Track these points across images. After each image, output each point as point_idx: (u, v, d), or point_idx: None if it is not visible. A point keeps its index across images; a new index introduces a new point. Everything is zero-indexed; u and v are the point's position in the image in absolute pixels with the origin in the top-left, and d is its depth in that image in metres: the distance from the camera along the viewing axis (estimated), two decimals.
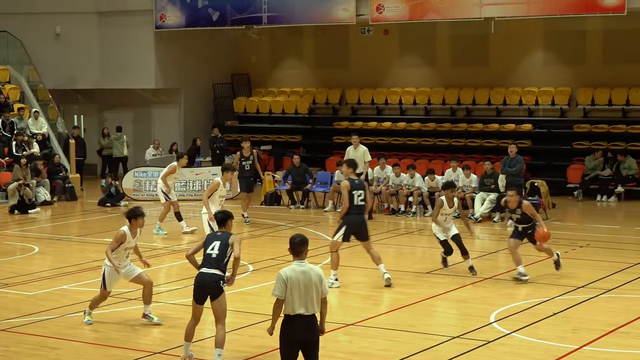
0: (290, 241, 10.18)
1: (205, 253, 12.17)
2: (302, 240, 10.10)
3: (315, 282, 9.96)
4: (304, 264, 10.03)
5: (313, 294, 9.93)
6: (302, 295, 9.87)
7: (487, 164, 25.35)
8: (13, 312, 15.29)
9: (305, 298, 9.87)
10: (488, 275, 17.95)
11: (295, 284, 9.89)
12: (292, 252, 10.11)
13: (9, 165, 29.24)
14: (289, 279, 9.90)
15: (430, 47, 33.44)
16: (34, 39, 34.73)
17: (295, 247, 10.08)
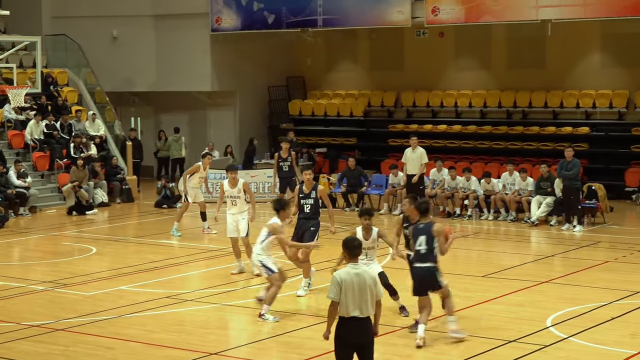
0: (344, 244, 10.20)
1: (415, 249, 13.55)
2: (359, 243, 10.14)
3: (370, 284, 9.97)
4: (359, 267, 10.05)
5: (367, 297, 9.94)
6: (356, 298, 9.89)
7: (544, 167, 25.16)
8: (71, 312, 15.46)
9: (359, 300, 9.89)
10: (544, 279, 17.81)
11: (350, 287, 9.91)
12: (348, 255, 10.13)
13: (67, 167, 29.56)
14: (343, 282, 9.93)
15: (486, 49, 33.25)
16: (92, 42, 35.08)
17: (350, 250, 10.12)
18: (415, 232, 13.76)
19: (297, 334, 13.93)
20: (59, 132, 30.84)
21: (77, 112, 32.48)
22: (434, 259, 13.47)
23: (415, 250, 13.71)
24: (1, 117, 30.70)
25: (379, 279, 10.15)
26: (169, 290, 17.07)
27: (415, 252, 13.69)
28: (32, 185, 28.00)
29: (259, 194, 29.04)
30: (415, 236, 13.69)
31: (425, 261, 13.50)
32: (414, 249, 13.75)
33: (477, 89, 33.43)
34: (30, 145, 30.07)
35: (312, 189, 16.78)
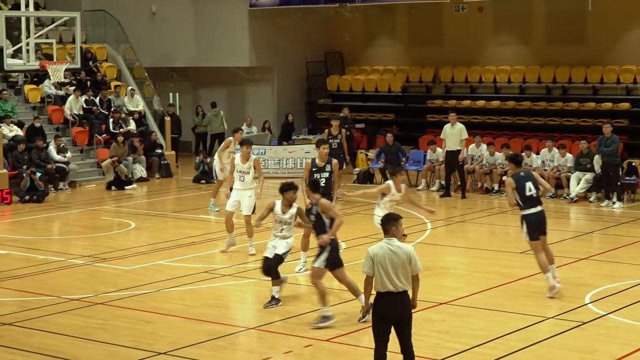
0: (382, 219, 10.20)
1: (525, 195, 14.36)
2: (390, 217, 10.14)
3: (404, 260, 9.98)
4: (393, 242, 10.05)
5: (401, 271, 9.95)
6: (389, 273, 9.91)
7: (583, 143, 24.98)
8: (110, 286, 15.59)
9: (393, 275, 9.92)
10: (583, 255, 17.72)
11: (382, 261, 9.94)
12: (383, 230, 10.15)
13: (106, 142, 29.73)
14: (376, 256, 9.97)
15: (526, 24, 32.97)
16: (131, 18, 35.18)
17: (385, 224, 10.13)
18: (519, 180, 14.57)
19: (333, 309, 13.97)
20: (98, 107, 31.00)
21: (116, 87, 32.63)
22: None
23: (526, 197, 14.51)
24: (41, 93, 30.91)
25: (413, 252, 10.09)
26: (207, 265, 17.17)
27: (527, 197, 14.51)
28: (72, 160, 28.19)
29: (297, 169, 29.06)
30: (521, 183, 14.52)
31: (538, 205, 14.63)
32: (520, 198, 14.53)
33: (516, 64, 33.19)
34: (70, 120, 30.26)
35: (327, 162, 16.55)
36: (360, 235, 19.37)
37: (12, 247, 19.15)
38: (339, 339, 12.39)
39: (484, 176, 26.22)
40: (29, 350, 12.16)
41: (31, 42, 22.79)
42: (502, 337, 12.42)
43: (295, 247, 15.38)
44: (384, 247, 10.02)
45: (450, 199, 25.10)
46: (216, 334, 12.81)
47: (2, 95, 29.20)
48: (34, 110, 30.47)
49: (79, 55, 24.82)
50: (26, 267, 17.16)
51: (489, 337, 12.39)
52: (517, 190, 14.57)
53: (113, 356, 11.93)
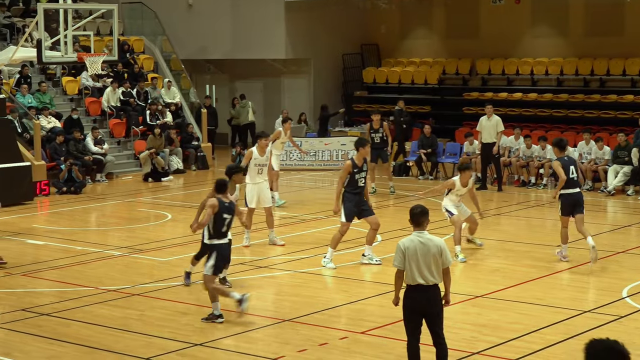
0: (410, 211, 10.20)
1: (569, 177, 16.07)
2: (422, 210, 10.10)
3: (435, 253, 9.95)
4: (424, 234, 10.04)
5: (432, 265, 9.93)
6: (420, 266, 9.89)
7: (621, 135, 24.80)
8: (147, 278, 15.68)
9: (423, 268, 9.90)
10: (621, 249, 17.61)
11: (413, 254, 9.92)
12: (413, 223, 10.13)
13: (143, 134, 29.89)
14: (407, 249, 9.94)
15: (563, 16, 32.77)
16: (168, 10, 35.33)
17: (416, 217, 10.10)
18: (565, 164, 16.19)
19: (369, 301, 13.97)
20: (135, 99, 31.17)
21: (153, 79, 32.79)
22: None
23: (569, 178, 16.15)
24: (79, 85, 31.13)
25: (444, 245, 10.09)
26: (243, 256, 17.21)
27: (569, 179, 16.15)
28: (109, 152, 28.37)
29: (333, 161, 29.09)
30: (566, 167, 16.17)
31: (577, 187, 16.39)
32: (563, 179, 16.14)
33: (553, 56, 33.00)
34: (107, 112, 30.45)
35: (365, 162, 16.34)
36: (396, 227, 19.35)
37: (50, 238, 19.31)
38: (375, 331, 12.40)
39: (521, 169, 26.10)
40: (67, 340, 12.26)
41: (69, 35, 22.95)
42: (538, 331, 12.37)
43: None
44: (415, 240, 10.00)
45: (487, 191, 25.01)
46: (252, 326, 12.86)
47: (41, 87, 29.45)
48: (71, 102, 30.69)
49: (116, 48, 24.95)
50: (64, 257, 17.30)
51: (525, 331, 12.35)
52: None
53: (149, 347, 12.00)
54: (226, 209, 13.19)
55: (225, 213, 13.16)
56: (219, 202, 13.15)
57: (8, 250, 17.76)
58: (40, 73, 31.01)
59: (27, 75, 29.68)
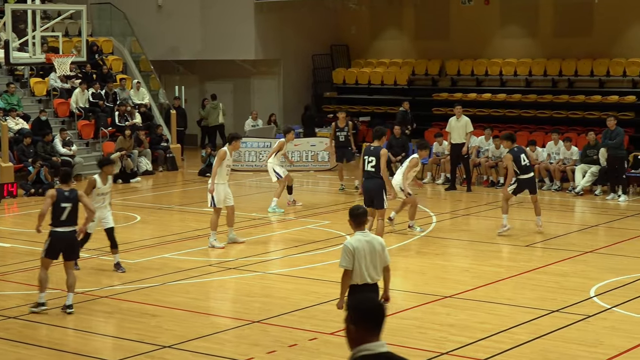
0: (351, 213, 10.29)
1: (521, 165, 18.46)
2: (363, 211, 10.29)
3: (379, 250, 10.12)
4: (367, 234, 10.20)
5: (377, 263, 10.11)
6: (368, 265, 10.04)
7: (591, 134, 24.93)
8: (116, 280, 15.61)
9: (370, 267, 10.05)
10: (589, 249, 17.70)
11: (362, 254, 10.04)
12: (354, 223, 10.23)
13: (112, 135, 29.76)
14: (356, 249, 10.05)
15: (532, 17, 32.93)
16: (137, 11, 35.20)
17: (358, 218, 10.22)
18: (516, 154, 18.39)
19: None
20: (104, 100, 31.01)
21: (122, 80, 32.65)
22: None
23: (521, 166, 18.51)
24: (47, 86, 30.94)
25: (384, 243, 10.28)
26: (213, 258, 17.18)
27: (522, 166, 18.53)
28: (77, 154, 28.21)
29: (302, 162, 29.10)
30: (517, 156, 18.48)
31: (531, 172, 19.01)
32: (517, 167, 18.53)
33: (522, 57, 33.14)
34: (76, 113, 30.28)
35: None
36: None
37: (16, 240, 19.18)
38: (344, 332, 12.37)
39: (490, 169, 26.19)
40: (34, 343, 12.18)
41: (37, 35, 22.81)
42: (507, 331, 12.41)
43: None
44: (362, 239, 10.13)
45: (456, 192, 25.08)
46: (221, 327, 12.83)
47: (9, 88, 29.24)
48: (39, 104, 30.49)
49: (85, 49, 24.81)
50: (31, 260, 17.16)
51: (494, 331, 12.39)
52: (515, 162, 18.53)
53: (118, 349, 11.94)
54: (65, 199, 13.73)
55: (63, 202, 13.68)
56: (57, 192, 13.79)
57: None
58: (8, 74, 30.79)
59: None
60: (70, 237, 13.69)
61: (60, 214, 13.65)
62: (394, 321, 12.89)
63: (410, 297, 14.36)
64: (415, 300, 14.03)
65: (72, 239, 13.73)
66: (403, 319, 12.95)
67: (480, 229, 20.57)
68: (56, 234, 13.64)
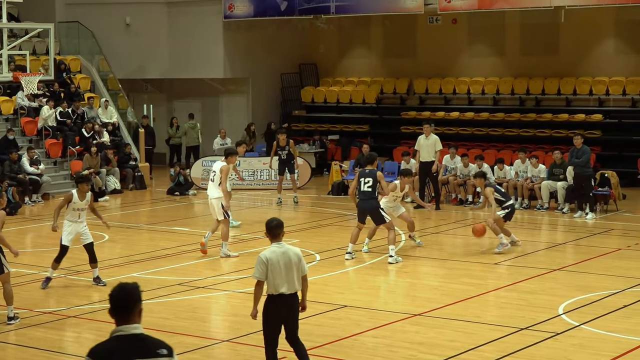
0: (267, 225, 10.49)
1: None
2: (278, 223, 10.47)
3: (295, 261, 10.32)
4: (283, 245, 10.39)
5: (293, 273, 10.29)
6: (282, 275, 10.22)
7: (557, 153, 25.11)
8: (84, 299, 15.52)
9: (286, 277, 10.23)
10: (557, 266, 17.79)
11: (276, 265, 10.23)
12: (270, 235, 10.45)
13: (80, 154, 29.63)
14: (269, 261, 10.25)
15: (499, 36, 33.16)
16: (105, 29, 35.13)
17: (273, 230, 10.43)
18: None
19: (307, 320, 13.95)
20: (72, 119, 30.88)
21: (90, 99, 32.54)
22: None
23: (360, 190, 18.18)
24: (14, 104, 30.77)
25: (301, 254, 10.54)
26: (181, 277, 17.12)
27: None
28: (45, 172, 28.06)
29: (272, 180, 29.08)
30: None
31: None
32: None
33: (490, 76, 33.36)
34: (43, 132, 30.13)
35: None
36: (335, 247, 19.38)
37: None
38: (314, 350, 12.37)
39: (458, 187, 26.29)
40: None
41: (4, 54, 22.77)
42: (476, 348, 12.44)
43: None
44: (277, 251, 10.33)
45: (425, 210, 25.13)
46: (190, 347, 12.77)
47: None
48: (7, 122, 30.32)
49: (52, 67, 24.79)
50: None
51: (463, 348, 12.41)
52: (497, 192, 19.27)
53: None
54: None
55: None
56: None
57: None
58: None
59: None
60: None
61: None
62: (363, 339, 12.90)
63: (380, 315, 14.36)
64: (384, 319, 14.03)
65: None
66: (373, 337, 12.95)
67: (448, 247, 20.63)
68: None
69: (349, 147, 33.56)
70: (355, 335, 13.08)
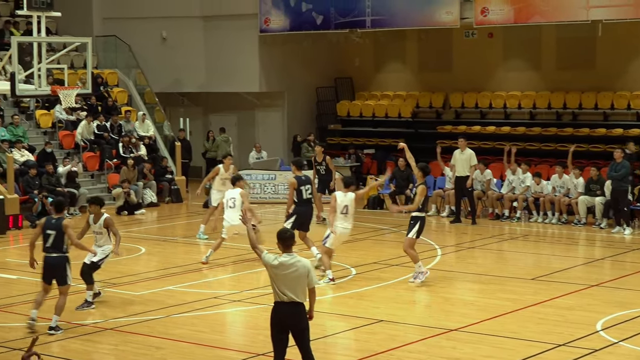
0: (280, 235, 10.66)
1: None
2: (291, 235, 10.70)
3: (302, 273, 10.55)
4: (294, 257, 10.58)
5: (300, 284, 10.54)
6: (288, 285, 10.50)
7: (593, 170, 24.94)
8: (120, 312, 15.58)
9: (292, 287, 10.50)
10: (594, 282, 17.66)
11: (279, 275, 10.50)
12: (282, 245, 10.62)
13: (117, 167, 29.80)
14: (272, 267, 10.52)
15: (536, 50, 33.01)
16: (142, 43, 35.33)
17: (286, 240, 10.63)
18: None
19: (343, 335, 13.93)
20: (109, 132, 31.09)
21: (127, 112, 32.72)
22: None
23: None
24: (52, 118, 31.03)
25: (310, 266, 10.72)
26: (217, 290, 17.15)
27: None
28: (83, 185, 28.23)
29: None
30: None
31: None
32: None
33: (526, 90, 33.21)
34: (81, 145, 30.35)
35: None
36: (371, 261, 19.34)
37: (22, 272, 19.13)
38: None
39: (495, 201, 26.16)
40: None
41: (43, 68, 22.87)
42: None
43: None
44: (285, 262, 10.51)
45: (461, 225, 25.06)
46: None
47: (14, 120, 29.34)
48: (45, 135, 30.57)
49: (90, 81, 24.90)
50: (36, 292, 17.12)
51: None
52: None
53: None
54: (50, 226, 14.41)
55: (48, 229, 14.37)
56: (45, 220, 14.63)
57: None
58: (14, 106, 30.89)
59: (0, 108, 29.56)
60: (52, 263, 14.39)
61: (45, 241, 14.38)
62: (399, 354, 12.86)
63: (416, 330, 14.32)
64: (420, 333, 13.99)
65: (54, 265, 14.40)
66: (409, 352, 12.91)
67: (485, 262, 20.55)
68: (44, 259, 14.45)
69: (384, 161, 33.50)
70: (391, 350, 13.04)
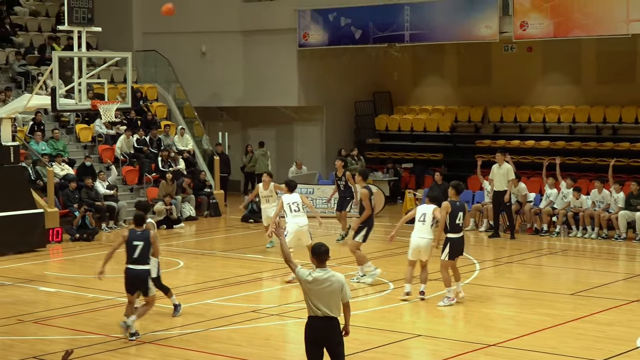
0: (314, 250, 10.61)
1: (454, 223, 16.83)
2: (326, 249, 10.62)
3: (336, 288, 10.50)
4: (328, 271, 10.55)
5: (334, 299, 10.49)
6: (322, 299, 10.45)
7: (633, 184, 24.76)
8: (159, 325, 15.64)
9: (326, 302, 10.45)
10: (634, 298, 17.50)
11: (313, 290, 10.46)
12: (317, 260, 10.58)
13: (156, 181, 29.95)
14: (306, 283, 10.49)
15: (575, 64, 32.87)
16: (181, 58, 35.54)
17: (320, 255, 10.59)
18: (456, 208, 16.77)
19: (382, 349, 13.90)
20: (148, 146, 31.27)
21: (166, 126, 32.89)
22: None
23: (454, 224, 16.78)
24: (92, 132, 31.26)
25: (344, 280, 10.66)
26: (255, 304, 17.18)
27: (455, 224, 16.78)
28: (122, 199, 28.40)
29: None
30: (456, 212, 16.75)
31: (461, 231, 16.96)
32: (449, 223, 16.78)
33: (565, 104, 33.06)
34: (120, 159, 30.54)
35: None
36: None
37: (62, 285, 19.31)
38: None
39: (534, 216, 26.01)
40: None
41: (83, 82, 23.05)
42: None
43: None
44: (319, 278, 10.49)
45: (499, 239, 24.94)
46: None
47: (54, 134, 29.60)
48: (84, 149, 30.80)
49: (129, 95, 25.04)
50: (76, 305, 17.29)
51: None
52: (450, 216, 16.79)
53: None
54: (136, 237, 14.83)
55: (134, 240, 14.80)
56: (129, 232, 14.91)
57: (20, 297, 17.75)
58: (54, 120, 31.16)
59: (41, 123, 29.84)
60: (137, 275, 14.81)
61: (132, 252, 14.80)
62: None
63: (454, 344, 14.27)
64: (459, 348, 13.93)
65: (137, 275, 14.82)
66: None
67: (523, 277, 20.43)
68: (127, 270, 14.91)
69: (422, 176, 33.46)
70: None
